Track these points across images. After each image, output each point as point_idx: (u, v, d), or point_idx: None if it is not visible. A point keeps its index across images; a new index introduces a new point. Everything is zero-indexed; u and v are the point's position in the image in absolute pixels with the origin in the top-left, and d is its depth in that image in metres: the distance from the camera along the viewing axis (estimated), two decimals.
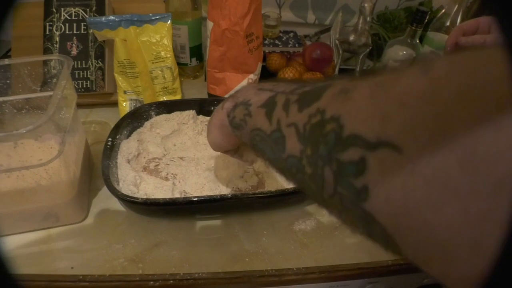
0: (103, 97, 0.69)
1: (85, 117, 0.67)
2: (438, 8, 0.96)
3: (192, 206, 0.46)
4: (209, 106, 0.65)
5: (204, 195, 0.48)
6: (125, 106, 0.66)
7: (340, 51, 0.87)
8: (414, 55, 0.77)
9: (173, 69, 0.68)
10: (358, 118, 0.16)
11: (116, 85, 0.66)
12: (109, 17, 0.63)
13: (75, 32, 0.67)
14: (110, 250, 0.44)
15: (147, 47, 0.65)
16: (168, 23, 0.66)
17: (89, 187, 0.52)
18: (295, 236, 0.49)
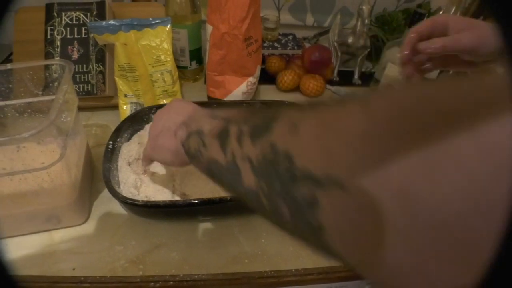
0: (104, 101, 0.69)
1: (87, 120, 0.68)
2: (436, 9, 0.97)
3: (192, 208, 0.47)
4: (208, 109, 0.66)
5: (204, 197, 0.48)
6: (126, 109, 0.67)
7: (339, 53, 0.88)
8: None
9: (173, 73, 0.69)
10: (307, 156, 0.17)
11: (117, 89, 0.67)
12: (110, 22, 0.63)
13: (76, 36, 0.67)
14: (111, 252, 0.45)
15: (147, 51, 0.66)
16: (167, 27, 0.67)
17: (90, 189, 0.53)
18: None
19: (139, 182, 0.49)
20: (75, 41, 0.67)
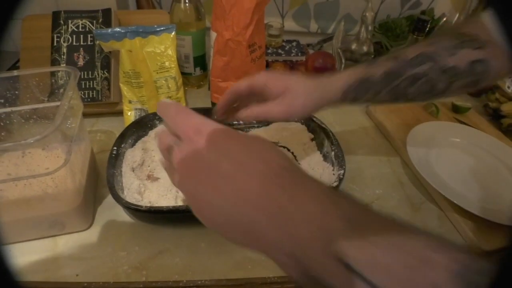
0: (109, 107, 0.70)
1: (91, 126, 0.68)
2: (439, 16, 0.97)
3: None
4: (213, 115, 0.66)
5: None
6: (130, 115, 0.67)
7: (343, 60, 0.88)
8: None
9: (177, 79, 0.69)
10: None
11: (122, 95, 0.67)
12: (115, 29, 0.64)
13: (82, 43, 0.68)
14: (115, 258, 0.45)
15: (152, 58, 0.67)
16: (172, 34, 0.68)
17: (95, 195, 0.53)
18: None
19: (142, 188, 0.49)
20: (81, 48, 0.68)
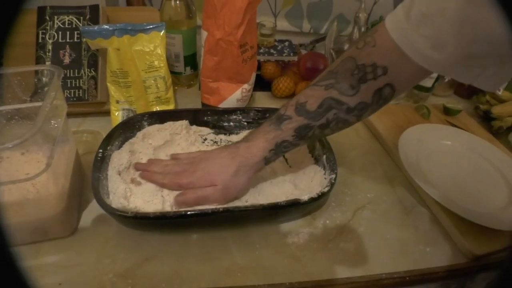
0: (96, 107, 0.68)
1: (77, 126, 0.66)
2: None
3: (183, 220, 0.45)
4: (202, 116, 0.64)
5: (196, 208, 0.47)
6: (118, 115, 0.65)
7: None
8: None
9: (166, 79, 0.67)
10: None
11: (109, 95, 0.65)
12: (103, 26, 0.62)
13: (68, 40, 0.66)
14: (99, 265, 0.43)
15: (141, 57, 0.65)
16: (162, 33, 0.66)
17: (80, 199, 0.51)
18: (288, 249, 0.48)
19: (128, 192, 0.48)
20: (67, 46, 0.66)
